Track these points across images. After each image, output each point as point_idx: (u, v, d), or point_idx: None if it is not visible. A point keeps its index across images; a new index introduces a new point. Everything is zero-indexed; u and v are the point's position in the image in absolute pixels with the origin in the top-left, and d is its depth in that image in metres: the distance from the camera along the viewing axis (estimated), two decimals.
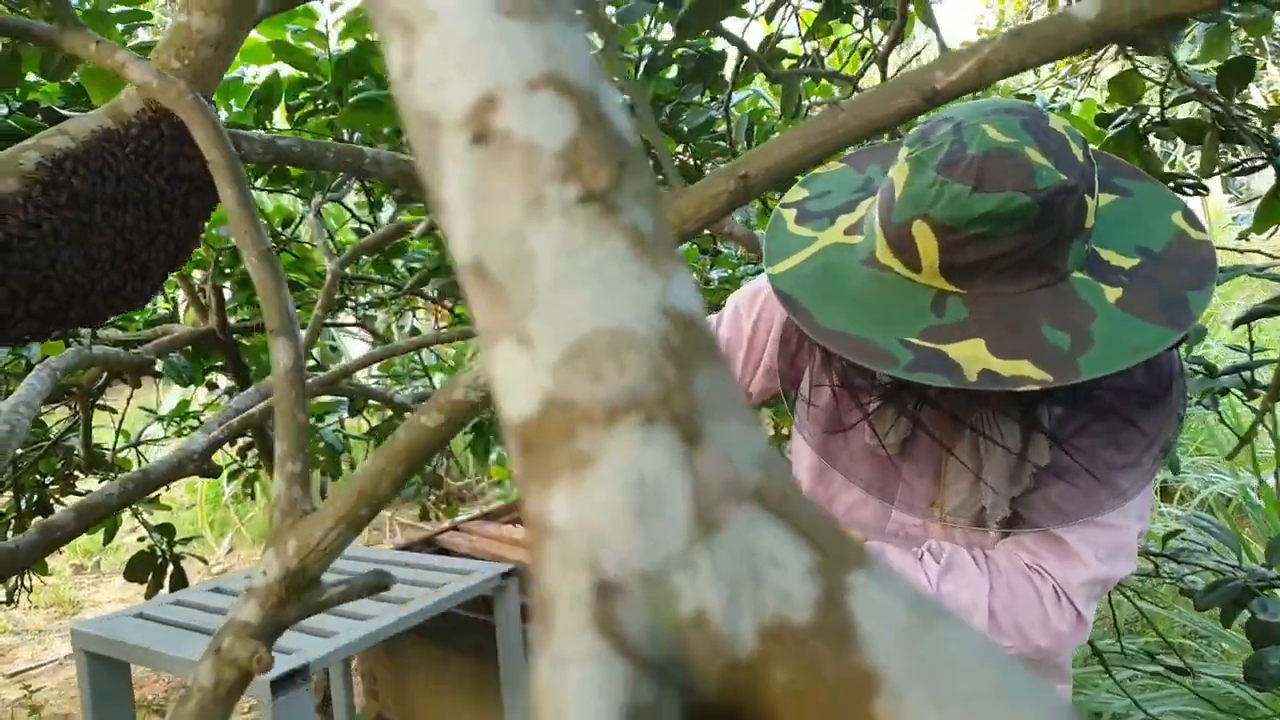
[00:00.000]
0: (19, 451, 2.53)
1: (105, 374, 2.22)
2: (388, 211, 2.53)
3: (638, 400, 0.14)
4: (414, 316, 3.31)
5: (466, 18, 0.16)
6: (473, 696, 1.15)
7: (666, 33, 2.10)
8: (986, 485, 0.99)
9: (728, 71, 2.03)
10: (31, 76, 1.61)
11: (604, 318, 0.14)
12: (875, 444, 1.03)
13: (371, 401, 2.85)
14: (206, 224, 0.94)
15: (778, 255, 0.98)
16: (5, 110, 1.66)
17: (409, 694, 1.22)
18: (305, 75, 1.95)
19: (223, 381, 3.04)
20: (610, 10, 1.80)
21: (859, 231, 0.97)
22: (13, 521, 2.57)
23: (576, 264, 0.15)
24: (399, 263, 2.62)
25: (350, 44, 1.97)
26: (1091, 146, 0.95)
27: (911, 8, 1.27)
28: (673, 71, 2.05)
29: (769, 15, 1.72)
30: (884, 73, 1.45)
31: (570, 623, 0.13)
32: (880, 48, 1.45)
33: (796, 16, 1.70)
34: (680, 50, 2.00)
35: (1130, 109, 1.24)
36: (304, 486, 0.53)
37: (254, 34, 1.97)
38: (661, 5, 1.81)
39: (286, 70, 1.97)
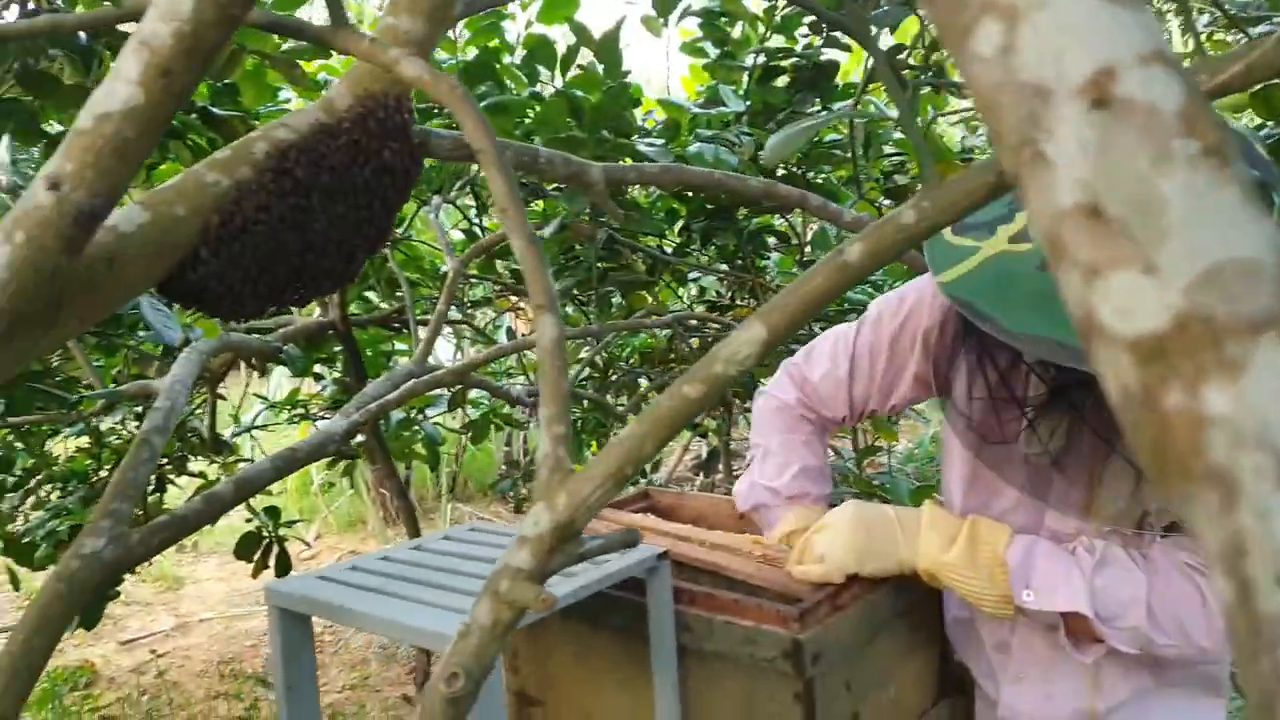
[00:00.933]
0: (136, 433, 2.67)
1: (233, 360, 2.33)
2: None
3: (1274, 319, 0.18)
4: (514, 317, 3.39)
5: (1077, 4, 0.21)
6: (619, 676, 1.19)
7: (777, 42, 2.13)
8: (1148, 490, 1.02)
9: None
10: None
11: (1230, 250, 0.19)
12: (1030, 452, 1.06)
13: (474, 395, 2.93)
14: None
15: (943, 264, 1.00)
16: None
17: (551, 671, 1.27)
18: None
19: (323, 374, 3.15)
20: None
21: (1024, 239, 0.99)
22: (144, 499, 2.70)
23: (1202, 205, 0.19)
24: (501, 265, 2.70)
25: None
26: None
27: None
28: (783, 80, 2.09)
29: (893, 25, 1.75)
30: None
31: (1263, 484, 0.17)
32: None
33: (922, 25, 1.74)
34: (794, 60, 2.04)
35: (1272, 124, 1.25)
36: (567, 448, 0.59)
37: None
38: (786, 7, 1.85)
39: None
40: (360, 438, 2.69)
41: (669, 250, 2.44)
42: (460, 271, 2.01)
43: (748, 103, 1.89)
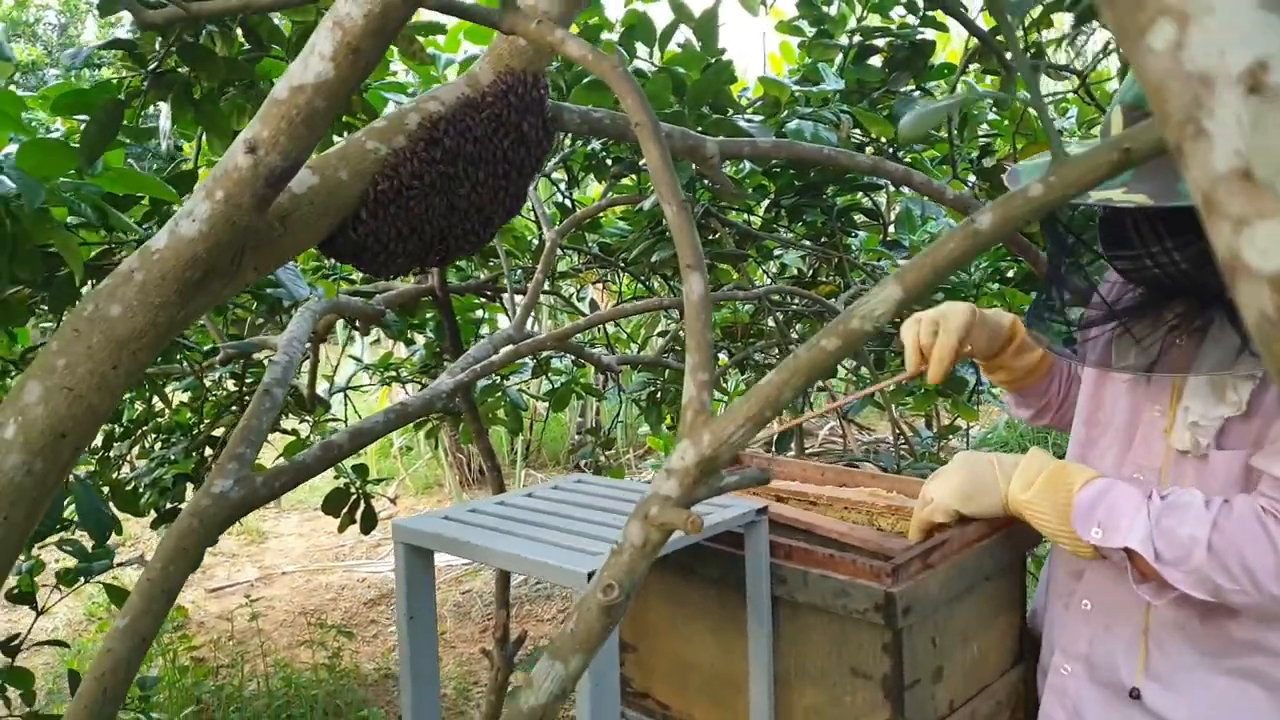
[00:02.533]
0: (233, 390, 2.82)
1: (333, 321, 2.45)
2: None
3: None
4: (599, 289, 3.47)
5: (1239, 10, 0.27)
6: (713, 626, 1.26)
7: (871, 21, 2.16)
8: (1191, 402, 1.09)
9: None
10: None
11: None
12: (1122, 365, 1.12)
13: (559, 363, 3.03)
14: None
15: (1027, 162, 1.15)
16: None
17: (645, 618, 1.35)
18: None
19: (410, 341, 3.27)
20: None
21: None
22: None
23: None
24: (591, 238, 2.78)
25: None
26: None
27: None
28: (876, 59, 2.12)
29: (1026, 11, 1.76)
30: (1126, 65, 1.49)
31: None
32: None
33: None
34: (889, 39, 2.07)
35: None
36: (710, 392, 0.66)
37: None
38: None
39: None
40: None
41: (755, 227, 2.48)
42: (557, 242, 2.09)
43: (842, 80, 1.93)
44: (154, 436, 2.96)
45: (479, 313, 3.10)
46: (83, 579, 1.87)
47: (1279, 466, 1.03)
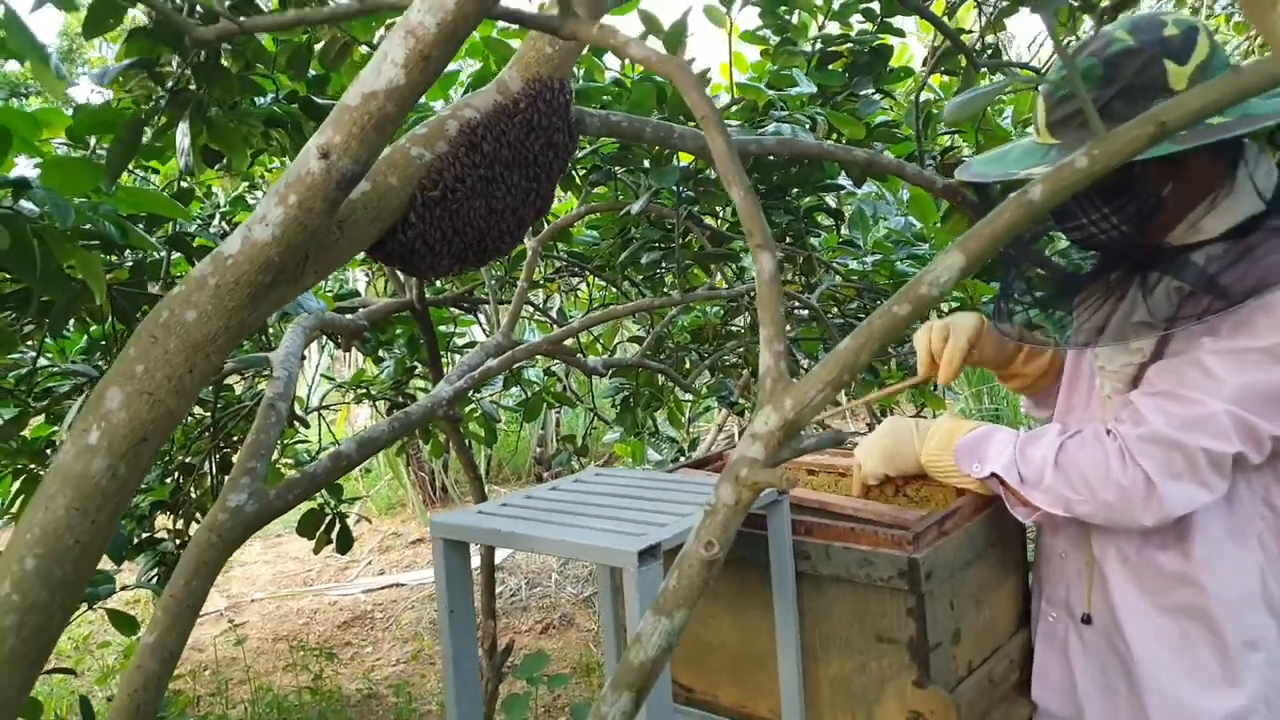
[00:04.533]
0: (203, 415, 2.79)
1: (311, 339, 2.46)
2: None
3: None
4: (573, 297, 3.51)
5: None
6: (733, 606, 1.31)
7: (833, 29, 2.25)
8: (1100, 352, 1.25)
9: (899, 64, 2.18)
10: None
11: None
12: (1079, 340, 1.23)
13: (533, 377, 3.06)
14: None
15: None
16: (270, 99, 1.89)
17: None
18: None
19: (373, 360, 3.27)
20: None
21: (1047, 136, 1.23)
22: (210, 478, 2.83)
23: None
24: (562, 247, 2.82)
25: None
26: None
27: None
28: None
29: (952, 10, 1.86)
30: None
31: None
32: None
33: (979, 8, 1.85)
34: (850, 45, 2.16)
35: None
36: (787, 361, 0.71)
37: None
38: None
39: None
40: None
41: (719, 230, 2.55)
42: (538, 251, 2.13)
43: (813, 85, 2.01)
44: None
45: (445, 326, 3.12)
46: (86, 604, 1.85)
47: (1138, 397, 1.17)
